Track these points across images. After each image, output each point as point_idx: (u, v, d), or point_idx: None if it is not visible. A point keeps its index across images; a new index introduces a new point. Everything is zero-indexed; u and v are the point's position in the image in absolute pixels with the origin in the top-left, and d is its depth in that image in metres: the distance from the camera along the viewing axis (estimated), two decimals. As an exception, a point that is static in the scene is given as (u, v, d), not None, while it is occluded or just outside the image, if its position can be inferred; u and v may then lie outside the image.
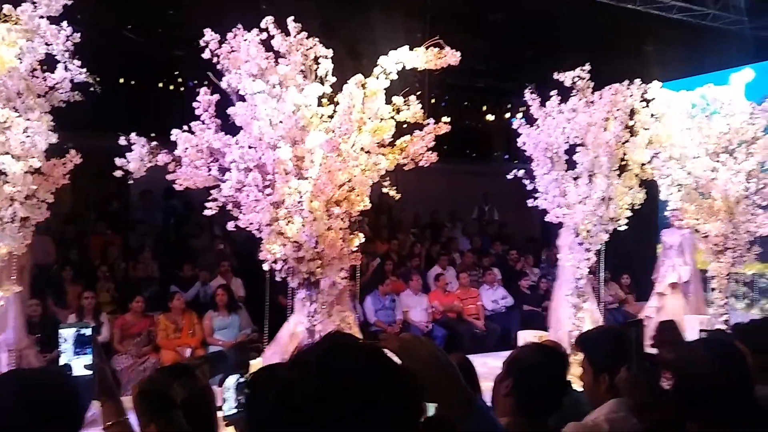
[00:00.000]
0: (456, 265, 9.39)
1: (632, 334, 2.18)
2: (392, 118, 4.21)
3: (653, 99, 5.94)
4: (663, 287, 7.54)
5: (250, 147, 4.26)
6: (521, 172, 6.08)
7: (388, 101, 4.25)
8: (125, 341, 6.16)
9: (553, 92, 5.93)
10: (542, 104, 6.03)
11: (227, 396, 1.82)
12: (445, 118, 4.58)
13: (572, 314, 6.28)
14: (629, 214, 6.01)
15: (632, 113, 5.88)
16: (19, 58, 3.81)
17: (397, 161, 4.38)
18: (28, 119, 3.78)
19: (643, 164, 6.00)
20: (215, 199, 4.34)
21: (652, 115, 5.95)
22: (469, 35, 8.38)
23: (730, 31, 8.34)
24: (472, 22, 9.53)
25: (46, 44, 3.93)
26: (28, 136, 3.69)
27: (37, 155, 3.73)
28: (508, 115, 13.81)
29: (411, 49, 4.07)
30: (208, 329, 6.53)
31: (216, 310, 6.62)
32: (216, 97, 4.37)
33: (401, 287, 8.21)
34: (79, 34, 3.85)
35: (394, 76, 4.13)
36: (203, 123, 4.34)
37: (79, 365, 1.54)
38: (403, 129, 4.41)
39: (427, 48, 4.05)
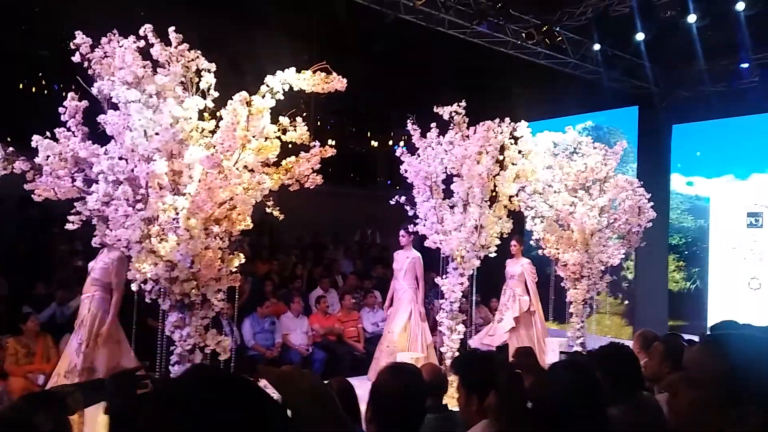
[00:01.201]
0: (338, 288, 9.41)
1: (501, 359, 2.31)
2: (278, 138, 4.18)
3: (521, 137, 6.46)
4: (508, 322, 7.49)
5: (120, 158, 4.01)
6: (402, 198, 6.30)
7: (275, 121, 4.22)
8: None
9: (433, 124, 6.25)
10: (423, 135, 6.32)
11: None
12: (331, 141, 4.63)
13: (447, 336, 6.55)
14: (498, 242, 6.43)
15: (502, 149, 6.35)
16: None
17: (282, 182, 4.34)
18: None
19: (511, 196, 6.47)
20: (79, 213, 4.02)
21: (519, 152, 6.46)
22: (355, 62, 8.58)
23: (587, 79, 9.30)
24: (357, 50, 9.80)
25: None
26: None
27: None
28: (391, 142, 14.24)
29: (298, 71, 4.09)
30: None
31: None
32: (84, 103, 4.09)
33: (282, 309, 8.07)
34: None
35: (281, 96, 4.12)
36: (69, 130, 4.03)
37: None
38: (288, 149, 4.39)
39: (314, 72, 4.09)
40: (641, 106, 9.84)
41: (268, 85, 4.08)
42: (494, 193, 6.38)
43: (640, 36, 7.94)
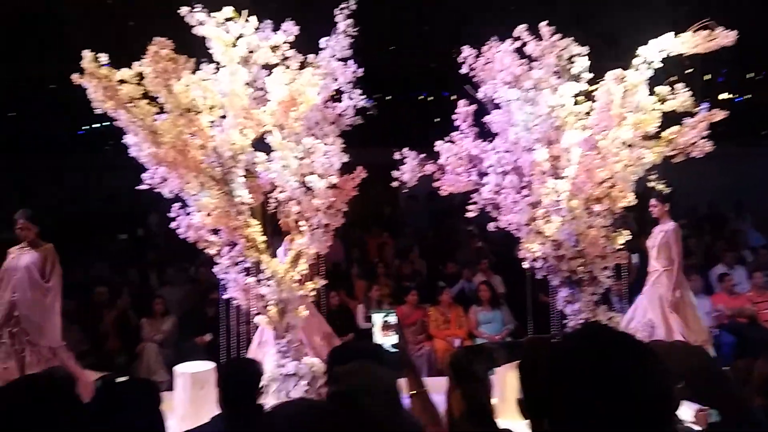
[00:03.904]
0: (746, 264, 8.23)
1: None
2: (657, 109, 3.98)
3: None
4: None
5: (506, 152, 4.47)
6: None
7: (653, 90, 4.03)
8: (403, 329, 6.91)
9: None
10: None
11: None
12: (725, 96, 4.14)
13: None
14: None
15: None
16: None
17: (665, 154, 4.12)
18: (326, 143, 4.59)
19: None
20: (476, 202, 4.65)
21: None
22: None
23: None
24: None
25: (334, 79, 4.67)
26: (327, 158, 4.49)
27: (334, 173, 4.50)
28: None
29: (676, 34, 3.79)
30: (474, 322, 6.93)
31: (479, 305, 7.00)
32: (473, 107, 4.68)
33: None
34: (362, 69, 4.49)
35: (658, 65, 3.90)
36: (462, 132, 4.68)
37: (387, 344, 1.95)
38: (671, 116, 4.13)
39: (694, 32, 3.73)
40: None
41: (642, 56, 3.93)
42: None
43: None
